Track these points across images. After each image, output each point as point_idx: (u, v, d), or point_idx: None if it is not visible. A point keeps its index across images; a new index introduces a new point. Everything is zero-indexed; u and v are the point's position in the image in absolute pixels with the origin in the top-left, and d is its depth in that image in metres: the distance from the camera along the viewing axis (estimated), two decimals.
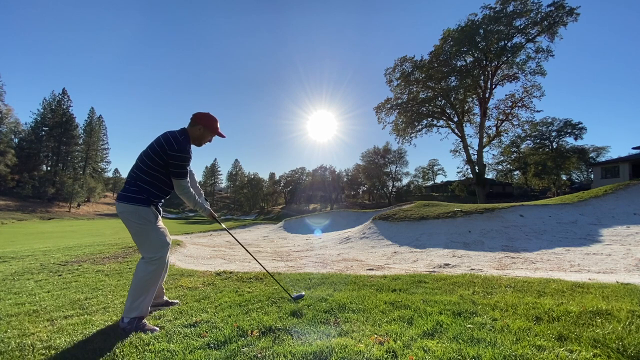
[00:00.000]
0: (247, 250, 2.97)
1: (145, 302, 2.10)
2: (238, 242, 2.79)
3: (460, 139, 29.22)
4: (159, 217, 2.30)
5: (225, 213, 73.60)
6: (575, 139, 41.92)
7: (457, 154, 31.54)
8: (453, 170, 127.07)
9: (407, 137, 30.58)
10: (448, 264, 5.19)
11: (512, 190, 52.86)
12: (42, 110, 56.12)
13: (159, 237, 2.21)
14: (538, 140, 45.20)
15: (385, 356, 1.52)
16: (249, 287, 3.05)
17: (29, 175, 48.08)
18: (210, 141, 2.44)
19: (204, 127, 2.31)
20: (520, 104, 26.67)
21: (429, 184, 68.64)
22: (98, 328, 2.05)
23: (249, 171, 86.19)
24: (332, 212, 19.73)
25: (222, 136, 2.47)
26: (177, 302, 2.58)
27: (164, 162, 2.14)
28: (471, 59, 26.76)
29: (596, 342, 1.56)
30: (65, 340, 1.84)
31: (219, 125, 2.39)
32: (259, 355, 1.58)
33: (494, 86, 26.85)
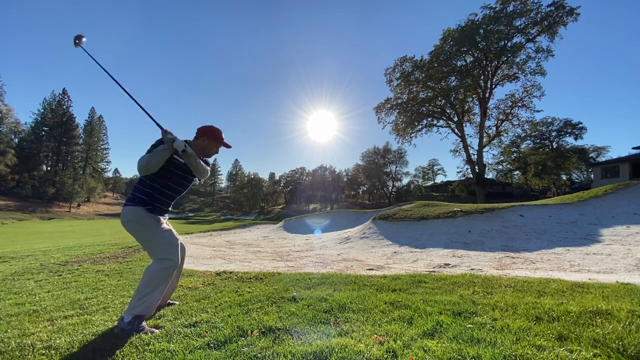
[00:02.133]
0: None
1: (151, 300, 2.08)
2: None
3: (460, 139, 29.22)
4: (162, 220, 2.28)
5: (225, 213, 73.60)
6: (575, 139, 41.99)
7: (457, 154, 31.57)
8: (453, 170, 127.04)
9: (407, 137, 30.59)
10: (448, 264, 5.19)
11: (512, 190, 52.84)
12: (42, 110, 56.15)
13: (163, 238, 2.19)
14: (538, 140, 45.21)
15: (385, 356, 1.52)
16: (249, 287, 3.05)
17: (29, 175, 48.09)
18: (216, 152, 2.44)
19: (207, 138, 2.32)
20: (520, 104, 26.68)
21: (429, 184, 68.65)
22: (98, 328, 2.05)
23: (249, 171, 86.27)
24: (332, 212, 19.73)
25: (228, 146, 2.46)
26: (176, 302, 2.58)
27: (163, 168, 2.16)
28: (471, 59, 26.75)
29: (596, 342, 1.56)
30: (65, 340, 1.84)
31: (223, 136, 2.40)
32: (259, 355, 1.58)
33: (494, 86, 26.86)
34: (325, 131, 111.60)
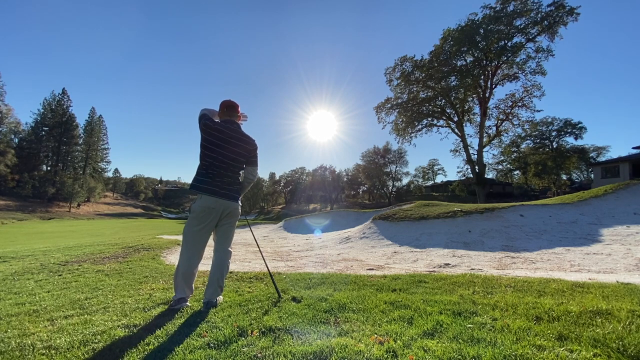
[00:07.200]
0: (257, 244, 2.96)
1: (174, 284, 2.50)
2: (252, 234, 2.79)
3: (460, 139, 29.19)
4: (211, 211, 2.49)
5: None
6: (575, 138, 41.91)
7: (457, 153, 31.54)
8: (453, 170, 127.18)
9: (407, 137, 30.57)
10: (448, 264, 5.19)
11: (512, 190, 52.79)
12: (42, 110, 56.13)
13: (184, 234, 2.55)
14: (538, 140, 45.14)
15: (385, 356, 1.52)
16: (249, 287, 3.05)
17: (29, 175, 48.08)
18: (225, 116, 2.72)
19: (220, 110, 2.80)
20: (520, 104, 26.69)
21: (429, 183, 68.56)
22: (98, 328, 2.04)
23: None
24: (332, 212, 19.72)
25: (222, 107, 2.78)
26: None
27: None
28: (471, 59, 26.71)
29: (596, 342, 1.56)
30: (65, 340, 1.84)
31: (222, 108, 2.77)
32: (259, 355, 1.58)
33: (494, 86, 26.84)
34: (325, 131, 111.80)
